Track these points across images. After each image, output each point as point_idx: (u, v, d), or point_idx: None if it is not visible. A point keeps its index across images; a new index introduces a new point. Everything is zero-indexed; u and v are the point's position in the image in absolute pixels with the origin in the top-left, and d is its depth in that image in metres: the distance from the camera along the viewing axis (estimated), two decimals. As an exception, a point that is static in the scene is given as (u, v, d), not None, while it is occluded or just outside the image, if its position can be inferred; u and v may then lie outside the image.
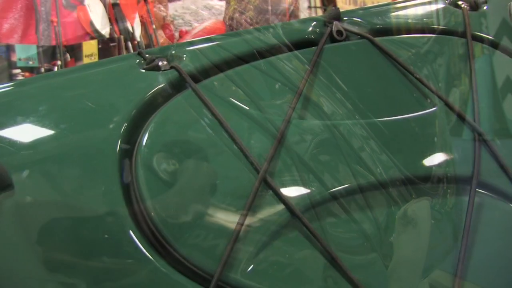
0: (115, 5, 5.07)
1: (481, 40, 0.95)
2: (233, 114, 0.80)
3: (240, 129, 0.78)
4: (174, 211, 0.73)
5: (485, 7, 1.02)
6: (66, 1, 4.66)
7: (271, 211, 0.72)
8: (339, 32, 0.93)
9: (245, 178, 0.74)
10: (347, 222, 0.73)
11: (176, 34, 5.70)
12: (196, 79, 0.85)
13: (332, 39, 0.93)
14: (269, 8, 6.86)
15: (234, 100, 0.82)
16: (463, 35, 0.93)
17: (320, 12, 5.34)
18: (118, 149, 0.77)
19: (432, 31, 0.97)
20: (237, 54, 0.90)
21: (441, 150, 0.78)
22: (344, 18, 0.97)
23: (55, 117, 0.79)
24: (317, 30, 0.93)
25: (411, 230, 0.74)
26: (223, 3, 6.16)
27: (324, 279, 0.68)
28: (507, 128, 0.83)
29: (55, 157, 0.74)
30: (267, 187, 0.73)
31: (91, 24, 4.84)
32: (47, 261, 0.69)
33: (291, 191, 0.74)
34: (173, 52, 0.91)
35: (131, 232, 0.72)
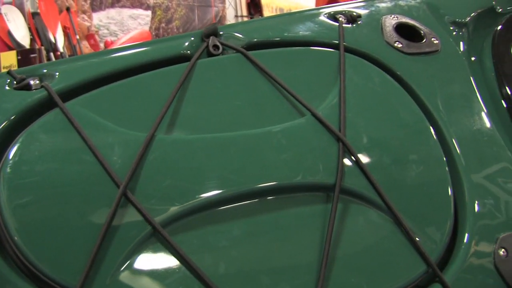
0: (35, 14, 4.89)
1: (354, 52, 0.98)
2: (100, 131, 0.79)
3: (105, 147, 0.77)
4: (35, 231, 0.71)
5: (359, 22, 1.07)
6: (-20, 11, 4.48)
7: (132, 225, 0.71)
8: (215, 47, 0.93)
9: (106, 194, 0.73)
10: (210, 233, 0.73)
11: (102, 45, 5.60)
12: (67, 98, 0.83)
13: (210, 54, 0.94)
14: (196, 17, 6.88)
15: (101, 118, 0.81)
16: (337, 47, 0.96)
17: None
18: None
19: (307, 43, 1.00)
20: (110, 72, 0.88)
21: (306, 160, 0.79)
22: (222, 33, 0.98)
23: None
24: (194, 45, 0.93)
25: (275, 239, 0.76)
26: (149, 13, 6.12)
27: None
28: (374, 138, 0.86)
29: None
30: (129, 202, 0.72)
31: (9, 34, 4.66)
32: None
33: (154, 205, 0.74)
34: (45, 70, 0.89)
35: None
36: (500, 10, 1.17)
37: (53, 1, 4.99)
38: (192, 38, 0.94)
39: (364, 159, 0.81)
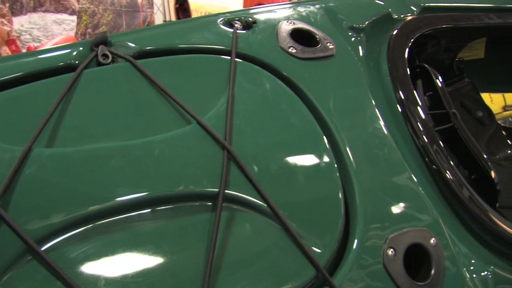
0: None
1: (247, 58, 0.97)
2: None
3: None
4: None
5: (255, 28, 1.07)
6: None
7: (5, 243, 0.68)
8: (105, 56, 0.90)
9: None
10: (90, 248, 0.71)
11: (24, 51, 5.39)
12: None
13: (100, 63, 0.91)
14: (124, 22, 6.76)
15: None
16: (230, 54, 0.95)
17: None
18: None
19: (200, 51, 0.99)
20: None
21: (189, 169, 0.78)
22: (113, 42, 0.95)
23: None
24: (83, 54, 0.90)
25: (159, 250, 0.74)
26: (75, 18, 5.95)
27: None
28: (262, 144, 0.86)
29: None
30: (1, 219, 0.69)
31: None
32: None
33: (28, 222, 0.70)
34: None
35: None
36: (396, 16, 1.21)
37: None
38: (81, 48, 0.91)
39: (251, 166, 0.80)
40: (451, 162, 1.00)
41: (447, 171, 0.97)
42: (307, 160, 0.86)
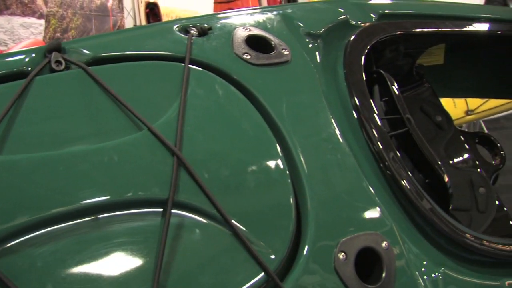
0: None
1: (201, 65, 0.96)
2: None
3: None
4: None
5: (211, 34, 1.07)
6: None
7: None
8: (58, 62, 0.90)
9: None
10: (37, 256, 0.70)
11: (-10, 55, 5.29)
12: None
13: (53, 70, 0.90)
14: (93, 27, 6.68)
15: None
16: (184, 60, 0.96)
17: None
18: None
19: (155, 57, 0.98)
20: None
21: (138, 175, 0.78)
22: (67, 48, 0.94)
23: None
24: (37, 61, 0.89)
25: (107, 257, 0.73)
26: (43, 22, 5.85)
27: None
28: (212, 151, 0.86)
29: None
30: None
31: None
32: None
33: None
34: None
35: None
36: (354, 23, 1.22)
37: None
38: (33, 54, 0.90)
39: (201, 172, 0.81)
40: (406, 167, 1.02)
41: (401, 176, 0.99)
42: (259, 166, 0.87)
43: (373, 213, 0.92)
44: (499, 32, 1.43)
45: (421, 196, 0.99)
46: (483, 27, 1.43)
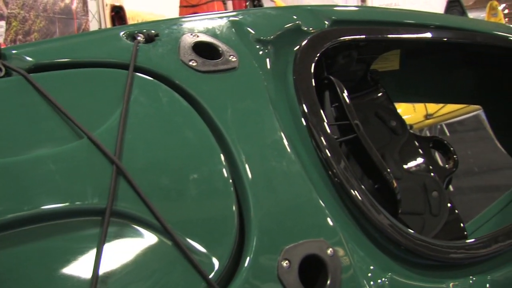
0: None
1: (146, 72, 0.95)
2: None
3: None
4: None
5: (158, 41, 1.07)
6: None
7: None
8: (-3, 69, 0.88)
9: None
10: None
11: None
12: None
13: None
14: (57, 30, 6.58)
15: None
16: (128, 67, 0.94)
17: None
18: None
19: (99, 64, 0.96)
20: None
21: (76, 184, 0.77)
22: (10, 54, 0.93)
23: None
24: None
25: (42, 269, 0.71)
26: (4, 24, 5.73)
27: None
28: (153, 159, 0.85)
29: None
30: None
31: None
32: None
33: None
34: None
35: None
36: (306, 29, 1.22)
37: None
38: None
39: (141, 181, 0.80)
40: (355, 174, 1.03)
41: (349, 183, 0.99)
42: (201, 174, 0.86)
43: (318, 220, 0.92)
44: (450, 39, 1.46)
45: (369, 202, 0.99)
46: (434, 34, 1.46)
